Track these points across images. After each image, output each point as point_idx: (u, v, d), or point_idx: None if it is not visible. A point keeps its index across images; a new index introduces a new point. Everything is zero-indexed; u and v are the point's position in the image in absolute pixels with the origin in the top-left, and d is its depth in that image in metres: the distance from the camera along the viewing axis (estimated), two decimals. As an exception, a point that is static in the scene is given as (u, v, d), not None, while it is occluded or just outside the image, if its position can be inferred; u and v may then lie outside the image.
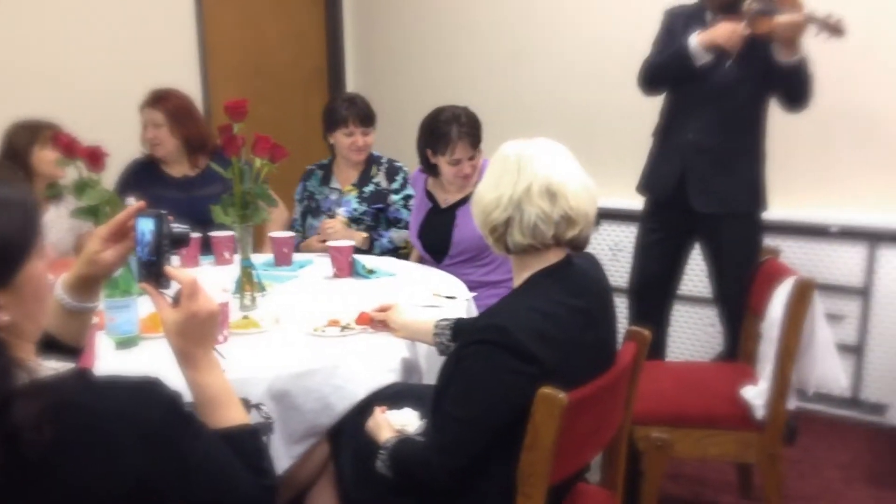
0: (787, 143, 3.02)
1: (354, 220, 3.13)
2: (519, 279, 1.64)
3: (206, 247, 2.81)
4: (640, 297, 3.19)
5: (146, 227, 1.26)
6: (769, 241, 3.02)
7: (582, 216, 1.57)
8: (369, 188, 3.18)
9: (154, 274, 1.25)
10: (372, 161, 3.23)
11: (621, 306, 3.98)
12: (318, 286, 2.57)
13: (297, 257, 2.87)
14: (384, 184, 3.20)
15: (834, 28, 2.61)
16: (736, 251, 2.95)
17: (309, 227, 3.23)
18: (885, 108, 3.30)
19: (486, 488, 1.57)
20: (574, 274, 1.63)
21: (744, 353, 2.66)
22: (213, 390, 1.22)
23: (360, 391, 1.85)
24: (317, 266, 2.80)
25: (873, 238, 3.29)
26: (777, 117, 2.95)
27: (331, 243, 2.71)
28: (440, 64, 4.61)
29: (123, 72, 3.62)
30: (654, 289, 3.17)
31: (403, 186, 3.19)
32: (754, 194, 2.96)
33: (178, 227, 1.28)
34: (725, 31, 2.76)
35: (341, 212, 3.13)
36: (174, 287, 1.25)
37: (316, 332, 2.02)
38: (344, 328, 2.04)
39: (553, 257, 1.61)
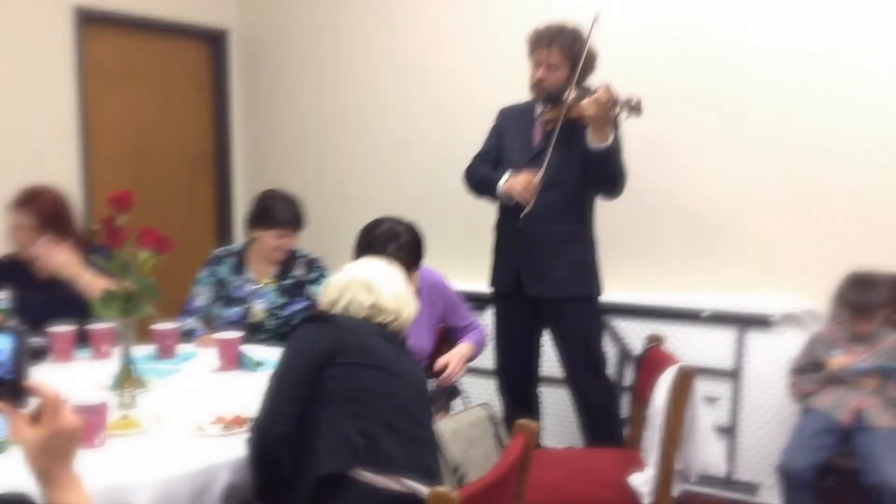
0: (656, 231, 3.16)
1: (272, 314, 3.03)
2: None
3: (82, 339, 2.68)
4: (505, 378, 3.32)
5: (3, 344, 1.22)
6: (653, 328, 3.14)
7: (392, 311, 2.02)
8: (289, 281, 3.09)
9: (11, 392, 1.20)
10: (291, 255, 3.11)
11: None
12: (203, 380, 2.48)
13: (182, 349, 2.77)
14: (303, 275, 3.10)
15: (634, 107, 2.83)
16: (575, 334, 3.10)
17: (217, 316, 3.06)
18: (735, 208, 3.54)
19: (319, 446, 1.77)
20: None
21: (631, 439, 2.73)
22: None
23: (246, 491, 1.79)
24: (202, 359, 2.70)
25: (742, 322, 3.47)
26: (644, 207, 3.09)
27: (217, 335, 2.64)
28: (328, 151, 4.65)
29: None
30: (517, 372, 3.29)
31: (322, 278, 3.08)
32: (587, 279, 3.12)
33: (36, 341, 1.25)
34: (519, 184, 2.94)
35: (259, 304, 3.03)
36: (31, 402, 1.19)
37: (199, 432, 1.95)
38: (226, 426, 1.97)
39: None
